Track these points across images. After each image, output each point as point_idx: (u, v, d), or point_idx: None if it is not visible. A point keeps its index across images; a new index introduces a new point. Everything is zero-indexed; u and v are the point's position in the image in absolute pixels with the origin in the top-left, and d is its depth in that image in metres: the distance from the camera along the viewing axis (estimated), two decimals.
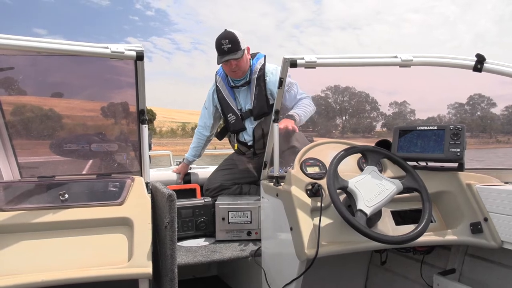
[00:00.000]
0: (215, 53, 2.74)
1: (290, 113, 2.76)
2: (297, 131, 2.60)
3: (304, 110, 2.82)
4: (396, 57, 1.84)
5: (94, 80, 2.08)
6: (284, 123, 2.52)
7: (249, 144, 2.94)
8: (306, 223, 1.66)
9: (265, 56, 2.92)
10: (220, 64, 2.80)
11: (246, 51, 2.79)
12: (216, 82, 2.99)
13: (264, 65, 2.87)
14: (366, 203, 1.57)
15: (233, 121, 2.92)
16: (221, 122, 3.18)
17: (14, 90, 1.94)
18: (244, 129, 2.93)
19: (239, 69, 2.78)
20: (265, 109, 2.81)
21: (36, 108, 2.11)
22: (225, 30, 2.75)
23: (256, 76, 2.84)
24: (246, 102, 2.92)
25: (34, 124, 2.10)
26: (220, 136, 3.15)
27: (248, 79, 2.86)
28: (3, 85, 1.90)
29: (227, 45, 2.66)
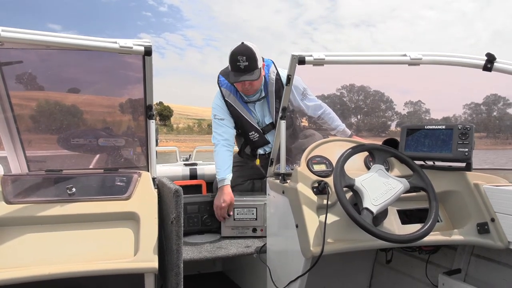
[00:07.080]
0: (227, 50, 2.54)
1: (347, 131, 2.85)
2: None
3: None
4: (405, 55, 1.83)
5: (102, 75, 2.09)
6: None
7: (267, 154, 2.80)
8: (312, 221, 1.66)
9: (273, 63, 2.72)
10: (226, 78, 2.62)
11: (261, 69, 2.55)
12: (224, 97, 2.69)
13: (278, 74, 2.68)
14: (372, 202, 1.57)
15: (256, 138, 2.76)
16: None
17: (23, 84, 1.95)
18: (268, 143, 2.79)
19: (252, 88, 2.56)
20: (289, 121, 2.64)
21: (44, 102, 2.12)
22: (242, 43, 2.47)
23: (274, 88, 2.66)
24: (264, 115, 2.77)
25: (43, 118, 2.11)
26: (242, 153, 2.93)
27: (264, 93, 2.69)
28: (12, 79, 1.91)
29: (244, 63, 2.39)
